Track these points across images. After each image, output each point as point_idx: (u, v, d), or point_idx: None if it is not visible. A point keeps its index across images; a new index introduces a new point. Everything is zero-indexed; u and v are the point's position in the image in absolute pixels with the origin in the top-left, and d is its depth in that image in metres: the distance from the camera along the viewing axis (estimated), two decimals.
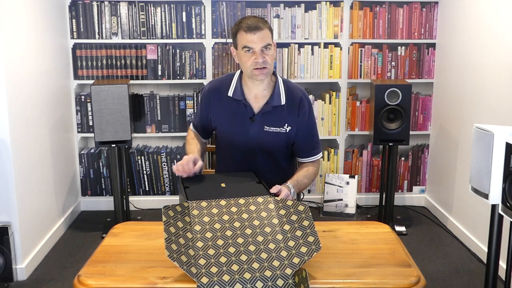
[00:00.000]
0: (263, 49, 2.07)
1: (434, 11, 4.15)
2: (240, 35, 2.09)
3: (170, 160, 4.28)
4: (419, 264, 1.77)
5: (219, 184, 1.97)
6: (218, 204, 1.79)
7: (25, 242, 3.20)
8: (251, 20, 2.08)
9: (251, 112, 2.19)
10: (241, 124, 2.21)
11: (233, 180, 2.03)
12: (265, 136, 2.20)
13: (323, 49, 4.16)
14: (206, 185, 2.01)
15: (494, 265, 2.25)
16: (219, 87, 2.25)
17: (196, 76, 4.17)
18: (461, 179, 3.77)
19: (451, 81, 3.92)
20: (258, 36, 2.05)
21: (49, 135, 3.66)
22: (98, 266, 1.74)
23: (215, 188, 1.96)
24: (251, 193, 1.85)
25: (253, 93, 2.19)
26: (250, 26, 2.06)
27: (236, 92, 2.19)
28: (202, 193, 1.90)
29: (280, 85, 2.21)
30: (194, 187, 1.96)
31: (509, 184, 2.06)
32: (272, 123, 2.20)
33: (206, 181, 2.05)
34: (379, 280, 1.63)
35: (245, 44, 2.07)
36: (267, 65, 2.09)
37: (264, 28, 2.07)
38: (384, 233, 1.98)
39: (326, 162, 4.31)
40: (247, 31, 2.06)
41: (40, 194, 3.50)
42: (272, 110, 2.18)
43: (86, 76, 4.13)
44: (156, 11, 4.08)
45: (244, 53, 2.09)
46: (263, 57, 2.07)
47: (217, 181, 2.02)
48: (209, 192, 1.90)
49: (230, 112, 2.22)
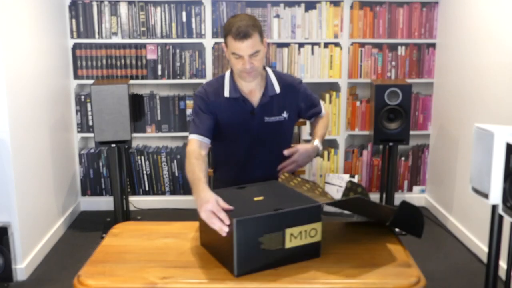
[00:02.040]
0: (251, 55, 2.08)
1: (434, 11, 4.15)
2: (229, 40, 2.08)
3: (170, 160, 4.28)
4: (419, 264, 1.77)
5: (252, 198, 1.81)
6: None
7: (25, 242, 3.20)
8: (241, 25, 2.04)
9: (250, 106, 2.21)
10: (242, 120, 2.22)
11: (264, 190, 1.90)
12: (266, 127, 2.22)
13: (323, 49, 4.16)
14: (238, 202, 1.79)
15: (494, 265, 2.25)
16: (215, 89, 2.24)
17: (196, 76, 4.17)
18: (461, 179, 3.76)
19: (451, 81, 3.92)
20: (247, 45, 2.05)
21: (49, 135, 3.66)
22: (98, 266, 1.74)
23: (248, 203, 1.78)
24: (299, 203, 1.73)
25: (247, 88, 2.22)
26: (239, 34, 2.03)
27: (231, 91, 2.21)
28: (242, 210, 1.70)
29: (271, 75, 2.25)
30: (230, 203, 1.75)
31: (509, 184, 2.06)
32: (271, 113, 2.23)
33: (237, 197, 1.84)
34: (379, 280, 1.63)
35: (233, 50, 2.08)
36: (254, 70, 2.11)
37: (253, 34, 2.05)
38: (384, 233, 1.98)
39: (326, 162, 4.31)
40: (236, 38, 2.04)
41: (40, 194, 3.50)
42: (269, 100, 2.22)
43: (86, 76, 4.13)
44: (156, 11, 4.08)
45: (233, 57, 2.11)
46: (251, 63, 2.08)
47: (249, 195, 1.84)
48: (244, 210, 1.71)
49: (230, 112, 2.22)
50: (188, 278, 1.65)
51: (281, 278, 1.64)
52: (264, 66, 2.26)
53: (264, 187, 1.95)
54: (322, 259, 1.75)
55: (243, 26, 2.04)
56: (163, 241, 1.92)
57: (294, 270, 1.68)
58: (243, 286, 1.62)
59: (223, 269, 1.70)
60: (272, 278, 1.64)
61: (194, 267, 1.72)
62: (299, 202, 1.75)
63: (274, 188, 1.95)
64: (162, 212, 4.27)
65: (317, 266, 1.71)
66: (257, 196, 1.82)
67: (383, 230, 2.00)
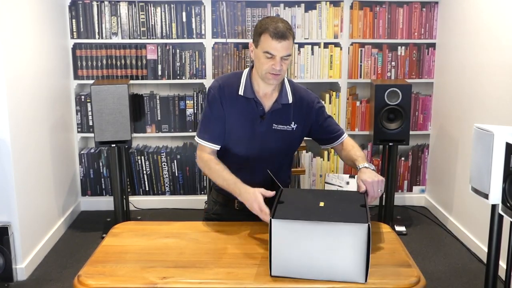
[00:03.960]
0: (283, 57, 2.07)
1: (434, 11, 4.15)
2: (265, 37, 2.06)
3: (170, 160, 4.28)
4: (419, 264, 1.77)
5: (317, 202, 1.77)
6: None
7: (25, 242, 3.20)
8: (280, 26, 2.04)
9: (261, 110, 2.18)
10: (250, 123, 2.19)
11: (335, 199, 1.84)
12: (272, 134, 2.20)
13: (323, 49, 4.16)
14: (302, 202, 1.80)
15: (494, 265, 2.25)
16: (230, 85, 2.19)
17: (196, 76, 4.17)
18: (461, 179, 3.77)
19: (451, 81, 3.92)
20: (283, 46, 2.03)
21: (49, 135, 3.66)
22: (98, 266, 1.74)
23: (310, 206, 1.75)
24: (347, 218, 1.62)
25: (263, 91, 2.19)
26: (278, 33, 2.02)
27: (246, 90, 2.17)
28: (291, 212, 1.70)
29: (287, 85, 2.23)
30: (288, 203, 1.76)
31: (509, 184, 2.06)
32: (280, 121, 2.20)
33: (304, 197, 1.86)
34: (379, 280, 1.63)
35: (267, 49, 2.05)
36: (281, 72, 2.09)
37: (290, 38, 2.05)
38: (384, 233, 1.98)
39: (326, 162, 4.31)
40: (273, 38, 2.03)
41: (40, 194, 3.50)
42: (281, 108, 2.19)
43: (86, 76, 4.13)
44: (156, 11, 4.08)
45: (263, 56, 2.08)
46: (281, 64, 2.06)
47: (317, 199, 1.81)
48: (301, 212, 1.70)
49: (240, 111, 2.19)
50: (188, 278, 1.65)
51: (281, 278, 1.64)
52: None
53: (333, 194, 1.92)
54: None
55: (282, 27, 2.03)
56: (163, 241, 1.92)
57: None
58: (244, 286, 1.62)
59: (223, 269, 1.70)
60: (272, 278, 1.64)
61: (194, 267, 1.72)
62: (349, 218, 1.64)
63: (344, 197, 1.87)
64: (162, 212, 4.27)
65: None
66: (322, 201, 1.78)
67: (383, 230, 2.01)
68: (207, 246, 1.89)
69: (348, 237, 1.57)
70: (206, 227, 2.06)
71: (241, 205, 2.12)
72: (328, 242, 1.59)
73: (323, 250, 1.59)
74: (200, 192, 4.37)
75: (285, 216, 1.64)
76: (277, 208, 1.70)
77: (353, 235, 1.57)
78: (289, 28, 2.07)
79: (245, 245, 1.88)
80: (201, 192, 4.37)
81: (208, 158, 2.14)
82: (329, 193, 1.93)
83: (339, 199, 1.84)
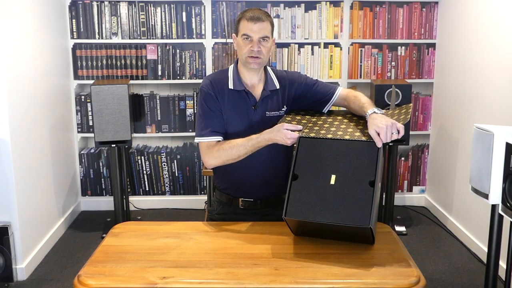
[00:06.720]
0: (261, 39, 2.16)
1: (434, 11, 4.15)
2: (242, 23, 2.18)
3: (170, 160, 4.28)
4: (419, 264, 1.77)
5: (330, 176, 1.87)
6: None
7: (25, 242, 3.20)
8: (255, 12, 2.18)
9: (253, 100, 2.24)
10: (244, 114, 2.23)
11: (348, 165, 1.88)
12: (267, 122, 2.23)
13: (323, 49, 4.16)
14: (315, 172, 1.89)
15: (494, 265, 2.25)
16: (219, 80, 2.26)
17: (196, 76, 4.17)
18: (461, 179, 3.77)
19: (451, 81, 3.92)
20: (258, 27, 2.14)
21: (49, 135, 3.66)
22: (98, 266, 1.74)
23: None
24: (351, 220, 1.76)
25: (250, 82, 2.26)
26: (253, 17, 2.15)
27: (235, 83, 2.24)
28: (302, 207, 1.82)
29: (270, 72, 2.31)
30: (303, 176, 1.88)
31: (509, 184, 2.06)
32: (271, 107, 2.26)
33: (319, 160, 1.92)
34: (379, 280, 1.63)
35: (244, 32, 2.16)
36: (261, 55, 2.17)
37: (266, 21, 2.16)
38: (384, 233, 1.98)
39: None
40: (249, 20, 2.15)
41: (40, 194, 3.50)
42: (270, 94, 2.26)
43: (86, 76, 4.13)
44: (156, 11, 4.08)
45: (242, 40, 2.18)
46: (259, 46, 2.15)
47: (331, 165, 1.89)
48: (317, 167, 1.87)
49: (233, 104, 2.24)
50: (188, 278, 1.65)
51: (281, 278, 1.64)
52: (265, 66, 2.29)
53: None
54: (322, 259, 1.75)
55: (258, 12, 2.17)
56: (163, 241, 1.92)
57: (294, 270, 1.69)
58: (244, 286, 1.62)
59: (223, 269, 1.70)
60: (272, 278, 1.64)
61: (194, 267, 1.72)
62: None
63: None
64: (162, 212, 4.27)
65: (317, 266, 1.71)
66: (335, 173, 1.87)
67: (383, 230, 2.01)
68: (207, 246, 1.89)
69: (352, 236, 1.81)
70: (206, 227, 2.06)
71: (246, 204, 2.19)
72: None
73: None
74: (200, 192, 4.37)
75: (295, 215, 1.79)
76: (290, 198, 1.82)
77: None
78: (265, 13, 2.19)
79: (245, 245, 1.88)
80: (201, 192, 4.37)
81: (215, 148, 2.15)
82: (345, 152, 1.90)
83: (353, 166, 1.86)
